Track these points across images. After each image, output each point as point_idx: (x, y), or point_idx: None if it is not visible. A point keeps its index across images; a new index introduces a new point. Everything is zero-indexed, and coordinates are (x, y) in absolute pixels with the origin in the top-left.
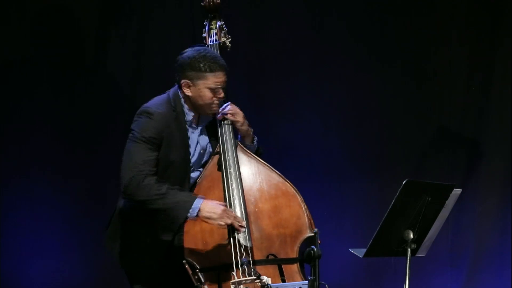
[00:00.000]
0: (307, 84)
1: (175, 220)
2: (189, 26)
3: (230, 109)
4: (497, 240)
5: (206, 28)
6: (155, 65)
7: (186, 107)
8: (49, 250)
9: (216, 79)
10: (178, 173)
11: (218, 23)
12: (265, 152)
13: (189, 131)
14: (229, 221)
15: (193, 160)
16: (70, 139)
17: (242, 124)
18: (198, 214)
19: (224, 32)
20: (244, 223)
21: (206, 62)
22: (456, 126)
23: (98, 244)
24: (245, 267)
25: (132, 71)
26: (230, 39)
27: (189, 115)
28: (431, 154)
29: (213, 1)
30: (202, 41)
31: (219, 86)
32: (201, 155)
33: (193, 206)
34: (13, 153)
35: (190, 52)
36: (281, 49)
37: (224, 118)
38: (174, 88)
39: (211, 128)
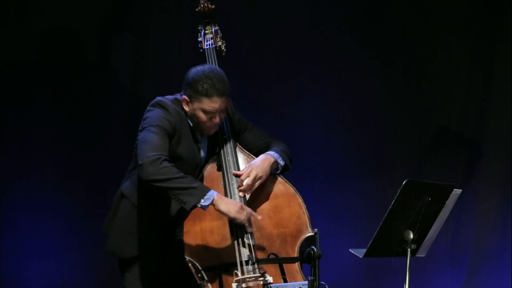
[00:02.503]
0: (307, 84)
1: (185, 204)
2: (189, 27)
3: (255, 183)
4: (497, 240)
5: (202, 33)
6: (156, 68)
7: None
8: (49, 250)
9: (210, 103)
10: (187, 170)
11: (213, 28)
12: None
13: (195, 134)
14: (245, 217)
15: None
16: (70, 140)
17: (267, 172)
18: (212, 204)
19: (219, 37)
20: (260, 217)
21: (205, 85)
22: (456, 126)
23: (98, 245)
24: (250, 264)
25: (132, 74)
26: (225, 44)
27: (191, 123)
28: (431, 154)
29: (207, 7)
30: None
31: (214, 111)
32: (203, 166)
33: (208, 194)
34: (14, 154)
35: (196, 70)
36: (281, 50)
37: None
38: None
39: (213, 142)
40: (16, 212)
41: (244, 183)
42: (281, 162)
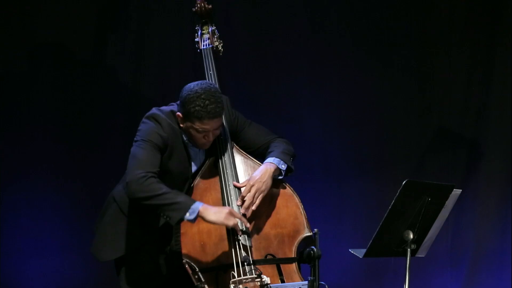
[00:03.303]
0: (307, 84)
1: (170, 219)
2: (189, 28)
3: (256, 199)
4: (497, 240)
5: (199, 33)
6: (155, 69)
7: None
8: (49, 250)
9: (202, 125)
10: (175, 184)
11: (210, 28)
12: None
13: (189, 148)
14: (236, 221)
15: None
16: (70, 140)
17: (267, 183)
18: (198, 217)
19: (216, 37)
20: (248, 224)
21: (197, 108)
22: (456, 126)
23: None
24: (246, 265)
25: (131, 75)
26: (222, 44)
27: (186, 138)
28: (431, 154)
29: (204, 7)
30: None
31: (206, 131)
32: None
33: (192, 207)
34: (13, 153)
35: (190, 88)
36: (281, 49)
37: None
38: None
39: (209, 148)
40: (16, 212)
41: (246, 199)
42: (283, 167)
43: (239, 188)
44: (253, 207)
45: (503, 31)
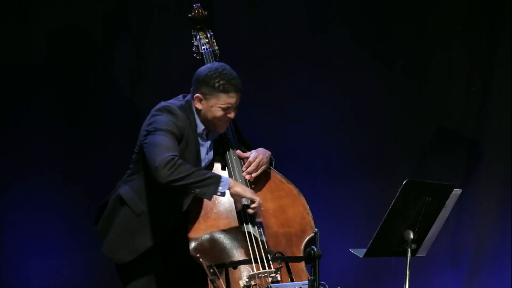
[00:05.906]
0: (307, 85)
1: (206, 195)
2: (189, 30)
3: (259, 168)
4: (497, 240)
5: (197, 38)
6: (155, 70)
7: (198, 119)
8: (49, 250)
9: (228, 99)
10: None
11: (209, 33)
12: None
13: (200, 141)
14: (260, 199)
15: None
16: (70, 140)
17: (267, 160)
18: (229, 189)
19: (214, 41)
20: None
21: (221, 81)
22: (456, 126)
23: (98, 245)
24: (267, 257)
25: (132, 76)
26: (217, 48)
27: (200, 126)
28: (431, 154)
29: (201, 13)
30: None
31: (230, 106)
32: (206, 168)
33: (223, 180)
34: (13, 154)
35: (207, 67)
36: (281, 50)
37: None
38: (189, 97)
39: (217, 144)
40: (16, 212)
41: (250, 166)
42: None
43: (248, 187)
44: (254, 175)
45: (503, 31)
